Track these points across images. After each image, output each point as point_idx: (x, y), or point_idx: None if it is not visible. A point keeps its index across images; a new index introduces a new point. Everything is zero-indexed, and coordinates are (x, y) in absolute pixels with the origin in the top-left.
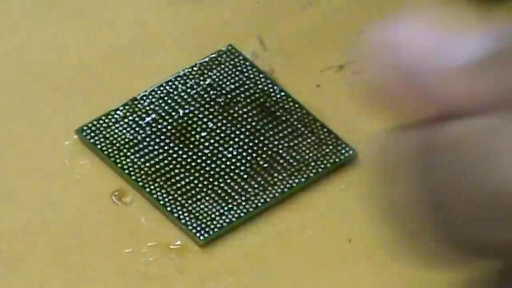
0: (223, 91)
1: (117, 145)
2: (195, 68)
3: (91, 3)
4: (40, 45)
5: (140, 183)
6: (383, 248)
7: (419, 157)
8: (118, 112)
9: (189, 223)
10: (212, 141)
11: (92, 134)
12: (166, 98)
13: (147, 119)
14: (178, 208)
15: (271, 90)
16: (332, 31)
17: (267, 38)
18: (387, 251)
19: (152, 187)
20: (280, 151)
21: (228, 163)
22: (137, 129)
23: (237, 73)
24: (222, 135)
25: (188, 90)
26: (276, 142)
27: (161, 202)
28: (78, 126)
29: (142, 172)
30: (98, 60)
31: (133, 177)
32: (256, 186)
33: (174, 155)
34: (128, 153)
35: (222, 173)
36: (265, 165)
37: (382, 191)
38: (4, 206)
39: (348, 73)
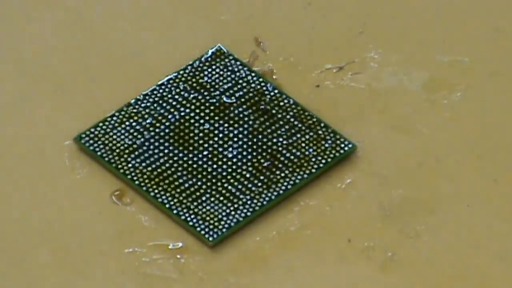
0: (217, 92)
1: (117, 151)
2: (186, 71)
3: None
4: (40, 45)
5: (144, 188)
6: (383, 248)
7: None
8: (114, 118)
9: (196, 225)
10: (211, 142)
11: (91, 142)
12: (160, 101)
13: (144, 123)
14: (184, 210)
15: (264, 88)
16: (332, 31)
17: (267, 38)
18: (387, 251)
19: (156, 191)
20: (280, 149)
21: (229, 163)
22: (135, 134)
23: (229, 73)
24: (221, 135)
25: (182, 93)
26: (274, 140)
27: (167, 206)
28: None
29: (144, 176)
30: (94, 61)
31: (136, 182)
32: (259, 184)
33: (175, 158)
34: (129, 158)
35: (224, 173)
36: (266, 163)
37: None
38: (4, 206)
39: (348, 73)
